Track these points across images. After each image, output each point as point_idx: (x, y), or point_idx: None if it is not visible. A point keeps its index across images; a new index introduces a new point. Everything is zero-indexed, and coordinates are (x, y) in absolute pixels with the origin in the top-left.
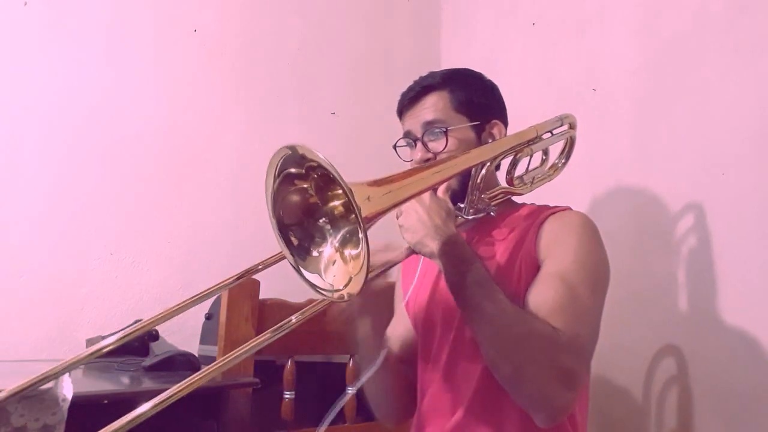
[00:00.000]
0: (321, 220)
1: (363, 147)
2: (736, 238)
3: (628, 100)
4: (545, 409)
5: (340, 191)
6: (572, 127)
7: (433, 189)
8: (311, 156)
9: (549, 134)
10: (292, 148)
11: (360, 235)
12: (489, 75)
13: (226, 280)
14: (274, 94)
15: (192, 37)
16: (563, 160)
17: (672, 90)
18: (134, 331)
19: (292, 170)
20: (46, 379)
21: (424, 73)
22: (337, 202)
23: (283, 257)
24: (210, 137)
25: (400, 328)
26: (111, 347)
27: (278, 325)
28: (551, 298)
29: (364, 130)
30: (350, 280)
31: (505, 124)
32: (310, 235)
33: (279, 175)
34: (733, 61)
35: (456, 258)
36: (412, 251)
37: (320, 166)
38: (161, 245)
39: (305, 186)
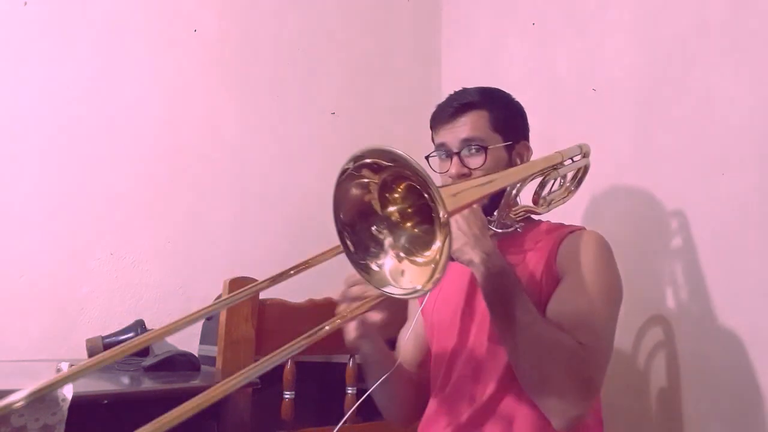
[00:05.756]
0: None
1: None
2: (736, 238)
3: (628, 101)
4: (564, 415)
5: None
6: (586, 155)
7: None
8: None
9: (570, 161)
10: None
11: (438, 226)
12: (489, 75)
13: (259, 282)
14: (274, 94)
15: (192, 37)
16: (576, 185)
17: (672, 90)
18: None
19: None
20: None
21: (458, 88)
22: (393, 208)
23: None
24: (210, 137)
25: (414, 333)
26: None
27: (313, 330)
28: (571, 311)
29: (364, 130)
30: (435, 269)
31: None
32: (366, 247)
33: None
34: (733, 62)
35: (494, 268)
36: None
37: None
38: (161, 245)
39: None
